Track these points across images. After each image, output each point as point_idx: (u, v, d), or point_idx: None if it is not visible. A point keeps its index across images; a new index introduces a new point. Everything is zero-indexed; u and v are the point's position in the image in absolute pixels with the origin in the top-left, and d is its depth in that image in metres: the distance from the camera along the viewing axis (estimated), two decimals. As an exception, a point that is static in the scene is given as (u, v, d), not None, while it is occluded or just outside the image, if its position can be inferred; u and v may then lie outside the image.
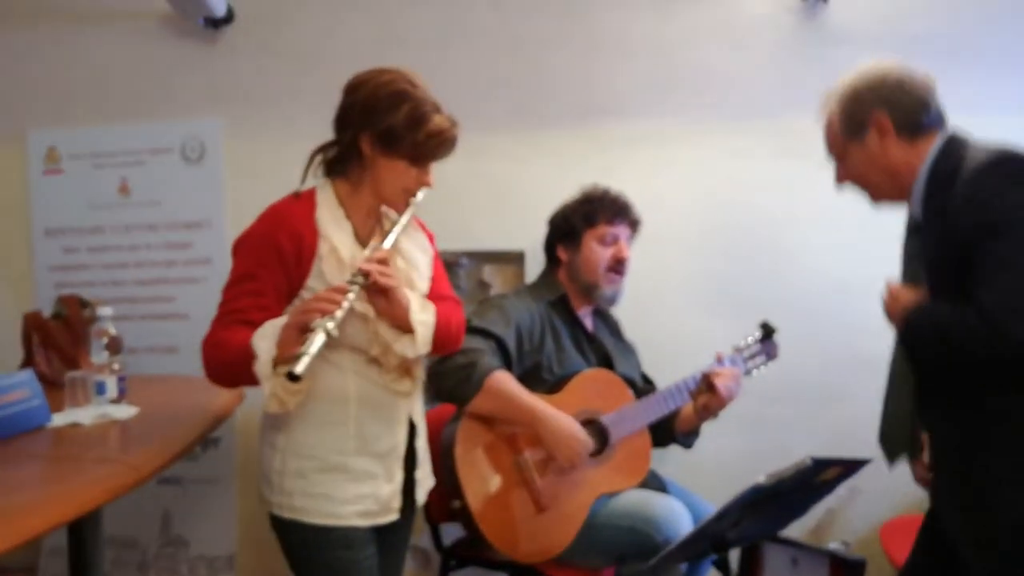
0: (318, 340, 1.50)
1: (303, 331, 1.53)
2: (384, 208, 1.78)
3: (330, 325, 1.52)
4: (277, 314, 1.64)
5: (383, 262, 1.63)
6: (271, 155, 2.93)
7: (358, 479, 1.71)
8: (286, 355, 1.53)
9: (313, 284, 1.68)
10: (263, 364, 1.55)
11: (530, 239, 2.83)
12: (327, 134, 1.77)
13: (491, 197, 2.91)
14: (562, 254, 2.48)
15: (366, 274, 1.60)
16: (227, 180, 3.05)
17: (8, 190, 3.18)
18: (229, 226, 3.03)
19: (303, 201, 1.71)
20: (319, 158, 1.76)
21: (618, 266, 2.43)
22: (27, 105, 3.14)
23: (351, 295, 1.56)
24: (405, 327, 1.68)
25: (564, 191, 2.55)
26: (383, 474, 1.75)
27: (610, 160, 2.80)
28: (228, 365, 1.62)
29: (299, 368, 1.47)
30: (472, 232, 2.88)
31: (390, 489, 1.77)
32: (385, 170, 1.70)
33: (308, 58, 2.95)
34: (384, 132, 1.67)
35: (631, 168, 2.76)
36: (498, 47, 2.88)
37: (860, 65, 1.82)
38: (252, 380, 1.59)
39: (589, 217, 2.43)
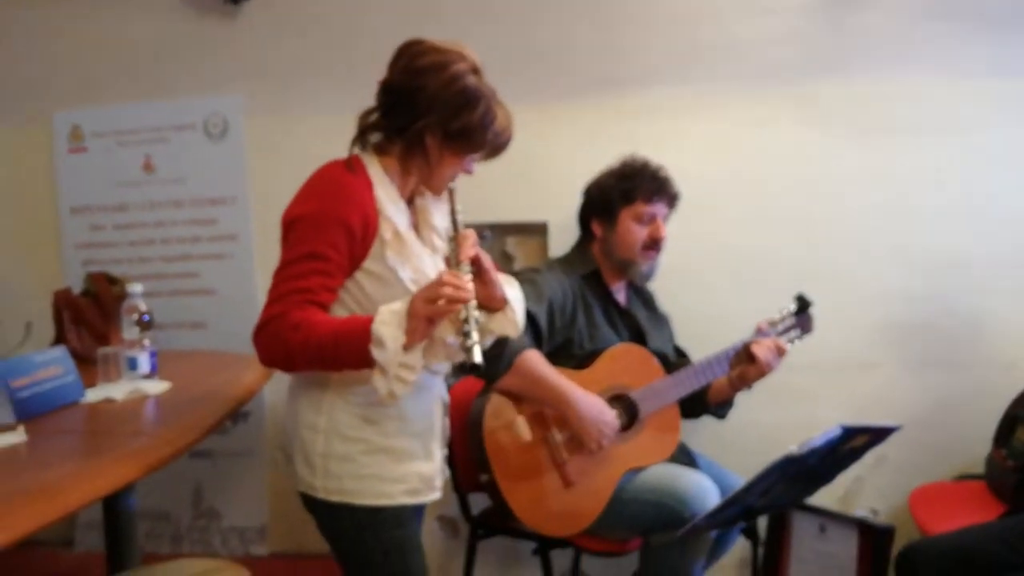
0: (476, 328, 1.50)
1: (431, 322, 1.51)
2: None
3: (477, 313, 1.52)
4: (336, 298, 1.61)
5: (475, 247, 1.61)
6: (293, 131, 2.95)
7: (401, 459, 1.70)
8: (412, 344, 1.50)
9: (371, 266, 1.62)
10: (392, 353, 1.48)
11: (553, 211, 2.83)
12: (349, 109, 1.73)
13: (514, 169, 2.85)
14: (597, 229, 2.44)
15: (474, 259, 1.59)
16: (250, 156, 3.05)
17: (34, 170, 3.20)
18: (253, 202, 3.04)
19: (359, 176, 1.65)
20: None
21: (654, 244, 2.41)
22: (50, 85, 3.14)
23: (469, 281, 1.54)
24: (498, 305, 1.68)
25: (587, 162, 2.54)
26: (422, 453, 1.75)
27: (633, 130, 2.77)
28: (318, 350, 1.52)
29: (478, 359, 1.48)
30: (495, 204, 2.87)
31: (430, 467, 1.77)
32: (447, 165, 1.68)
33: (330, 33, 2.93)
34: (456, 132, 1.64)
35: (654, 138, 2.73)
36: (522, 19, 2.85)
37: None
38: (338, 367, 1.56)
39: (627, 194, 2.38)
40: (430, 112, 1.62)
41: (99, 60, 3.10)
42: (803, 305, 2.44)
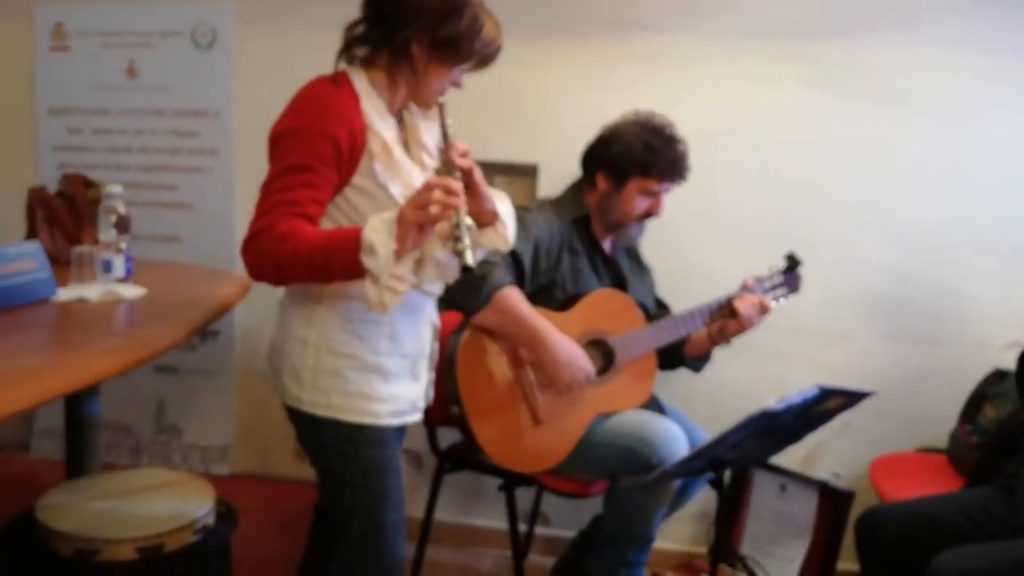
0: (468, 232, 1.48)
1: (421, 228, 1.48)
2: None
3: (468, 220, 1.50)
4: (324, 212, 1.59)
5: (466, 156, 1.57)
6: (284, 46, 2.87)
7: (390, 379, 1.70)
8: (403, 252, 1.47)
9: (360, 182, 1.61)
10: (384, 260, 1.46)
11: (544, 153, 2.79)
12: (339, 24, 1.68)
13: (506, 107, 2.84)
14: (602, 183, 2.39)
15: (466, 170, 1.55)
16: (237, 69, 2.97)
17: (13, 66, 3.09)
18: (238, 117, 2.97)
19: (345, 90, 1.62)
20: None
21: (648, 216, 2.40)
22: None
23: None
24: (488, 220, 1.66)
25: (584, 105, 2.51)
26: (410, 375, 1.76)
27: (631, 76, 2.74)
28: (307, 261, 1.50)
29: (471, 261, 1.46)
30: (484, 142, 2.81)
31: (416, 389, 1.79)
32: (434, 76, 1.65)
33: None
34: (443, 40, 1.60)
35: (654, 87, 2.70)
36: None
37: None
38: (328, 278, 1.54)
39: (645, 168, 2.33)
40: (416, 20, 1.59)
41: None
42: (792, 264, 2.45)
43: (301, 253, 1.50)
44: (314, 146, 1.55)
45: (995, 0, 2.62)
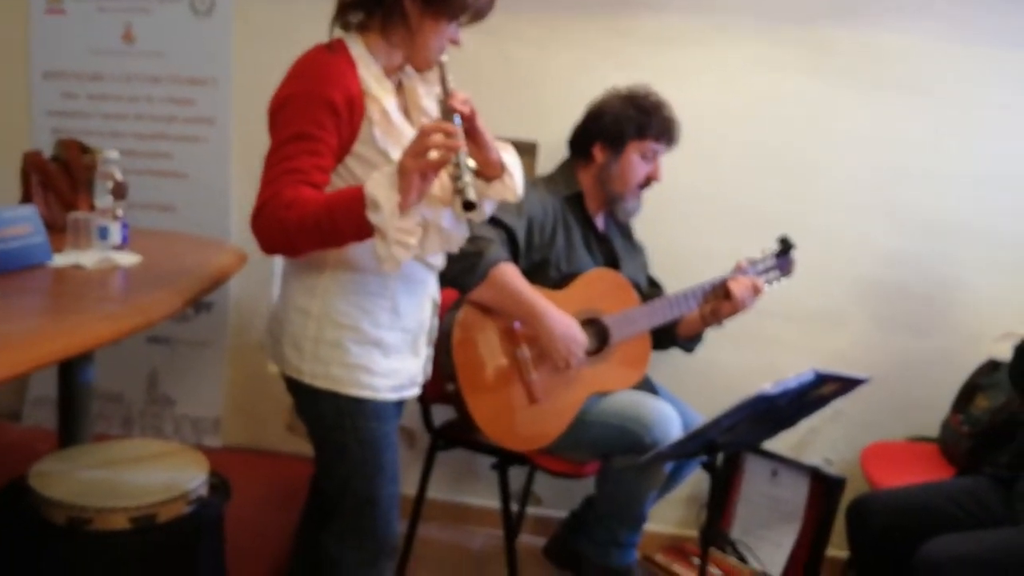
0: (468, 171, 1.46)
1: (424, 176, 1.46)
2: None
3: (470, 162, 1.48)
4: (329, 179, 1.57)
5: (467, 103, 1.54)
6: (284, 14, 2.83)
7: (389, 353, 1.70)
8: (407, 204, 1.44)
9: (360, 150, 1.59)
10: (389, 213, 1.43)
11: (545, 131, 2.77)
12: None
13: (507, 82, 2.82)
14: (599, 154, 2.39)
15: (468, 116, 1.52)
16: (236, 37, 2.93)
17: (7, 29, 3.03)
18: (235, 86, 2.93)
19: (339, 56, 1.60)
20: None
21: (648, 184, 2.39)
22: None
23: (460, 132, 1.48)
24: (495, 172, 1.63)
25: (586, 84, 2.48)
26: (410, 349, 1.75)
27: (635, 57, 2.72)
28: (315, 225, 1.48)
29: (473, 195, 1.44)
30: (484, 118, 2.79)
31: (416, 364, 1.78)
32: (430, 32, 1.62)
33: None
34: None
35: (657, 67, 2.68)
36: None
37: None
38: (338, 240, 1.52)
39: (641, 128, 2.34)
40: None
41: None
42: (785, 247, 2.45)
43: (307, 218, 1.48)
44: (312, 113, 1.53)
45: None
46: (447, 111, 1.53)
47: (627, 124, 2.35)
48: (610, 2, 2.74)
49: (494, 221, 2.18)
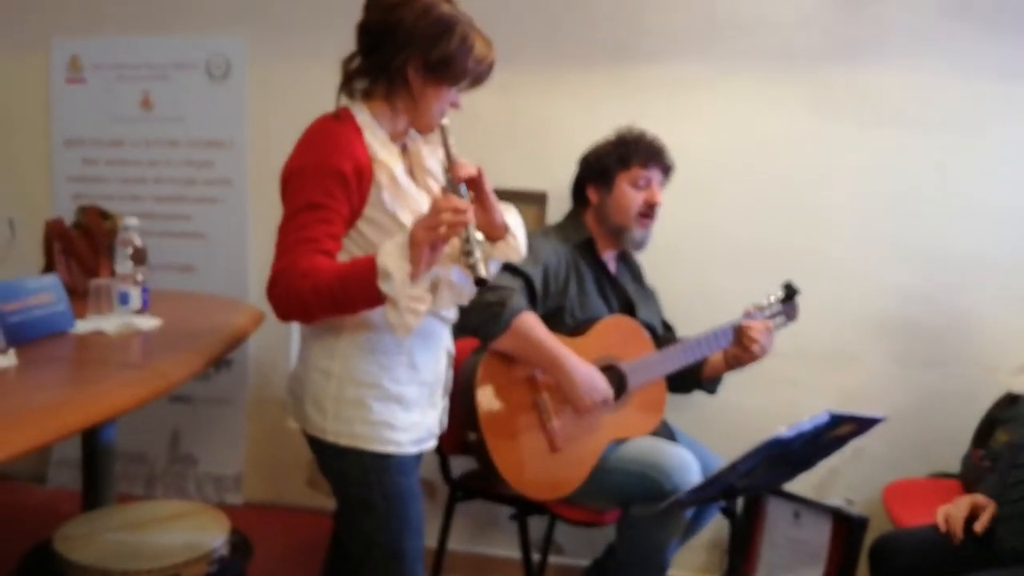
0: (479, 246, 1.53)
1: (433, 248, 1.52)
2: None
3: (479, 235, 1.55)
4: (340, 246, 1.62)
5: (473, 167, 1.61)
6: (296, 79, 2.90)
7: (410, 407, 1.73)
8: (418, 273, 1.51)
9: (371, 214, 1.64)
10: (400, 283, 1.50)
11: (553, 180, 2.81)
12: None
13: (514, 134, 2.87)
14: (592, 195, 2.44)
15: (475, 178, 1.60)
16: (250, 101, 3.01)
17: (29, 98, 3.14)
18: (251, 147, 3.01)
19: (346, 124, 1.66)
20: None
21: (649, 210, 2.41)
22: (51, 12, 3.08)
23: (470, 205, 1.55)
24: (499, 234, 1.70)
25: (591, 132, 2.52)
26: (428, 402, 1.78)
27: (640, 104, 2.76)
28: (328, 294, 1.54)
29: (484, 272, 1.52)
30: (493, 168, 2.79)
31: (433, 416, 1.81)
32: (432, 98, 1.68)
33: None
34: (437, 61, 1.64)
35: (661, 113, 2.72)
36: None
37: None
38: (351, 309, 1.57)
39: (624, 159, 2.40)
40: (409, 45, 1.63)
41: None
42: (790, 293, 2.46)
43: (321, 287, 1.53)
44: (323, 183, 1.59)
45: (1003, 24, 2.64)
46: (452, 182, 1.59)
47: (609, 158, 2.41)
48: (612, 51, 2.80)
49: (513, 270, 2.21)
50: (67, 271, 2.44)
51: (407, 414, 1.72)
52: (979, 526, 2.00)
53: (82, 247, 2.49)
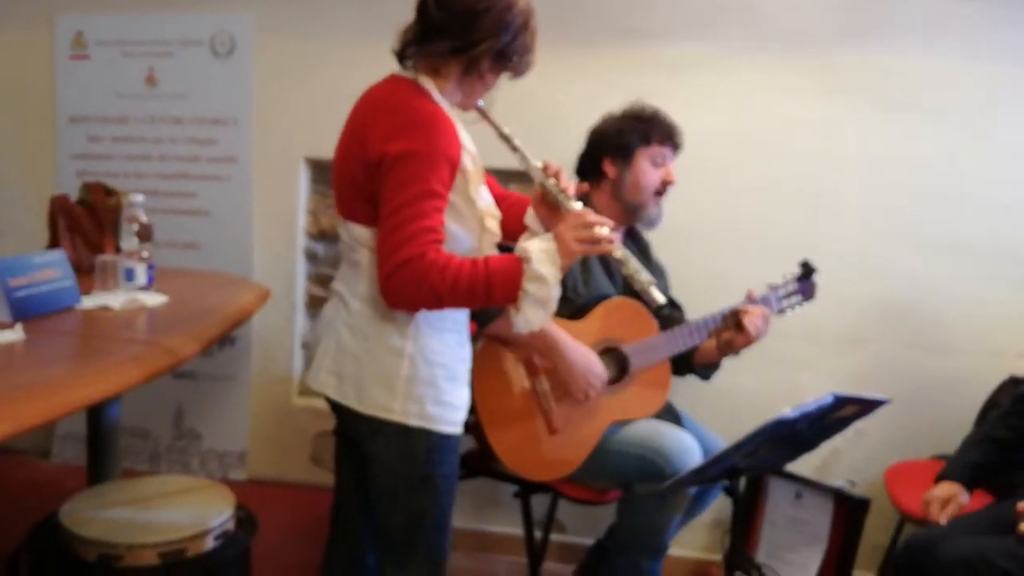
0: (641, 269, 1.71)
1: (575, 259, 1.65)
2: None
3: (620, 251, 1.71)
4: None
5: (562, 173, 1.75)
6: (304, 56, 2.88)
7: (464, 385, 1.76)
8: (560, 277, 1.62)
9: (453, 198, 1.62)
10: (553, 287, 1.59)
11: (561, 162, 2.78)
12: (366, 36, 1.70)
13: (520, 114, 2.80)
14: (610, 168, 2.41)
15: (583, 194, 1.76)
16: (256, 78, 2.99)
17: (34, 75, 3.14)
18: (256, 125, 2.99)
19: (436, 105, 1.63)
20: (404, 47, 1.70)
21: (664, 188, 2.41)
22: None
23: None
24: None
25: (599, 113, 2.51)
26: (469, 379, 1.81)
27: (650, 85, 2.73)
28: (468, 290, 1.56)
29: (662, 299, 1.69)
30: (501, 150, 2.83)
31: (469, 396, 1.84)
32: (491, 83, 1.72)
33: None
34: (511, 52, 1.66)
35: (671, 95, 2.69)
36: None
37: None
38: (484, 304, 1.61)
39: (646, 134, 2.38)
40: (499, 34, 1.63)
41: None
42: (807, 271, 2.45)
43: (461, 282, 1.56)
44: (439, 170, 1.57)
45: (1016, 9, 2.62)
46: (558, 189, 1.74)
47: (631, 134, 2.39)
48: (621, 33, 2.79)
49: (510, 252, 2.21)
50: (72, 247, 2.44)
51: (462, 392, 1.75)
52: None
53: (87, 224, 2.49)
